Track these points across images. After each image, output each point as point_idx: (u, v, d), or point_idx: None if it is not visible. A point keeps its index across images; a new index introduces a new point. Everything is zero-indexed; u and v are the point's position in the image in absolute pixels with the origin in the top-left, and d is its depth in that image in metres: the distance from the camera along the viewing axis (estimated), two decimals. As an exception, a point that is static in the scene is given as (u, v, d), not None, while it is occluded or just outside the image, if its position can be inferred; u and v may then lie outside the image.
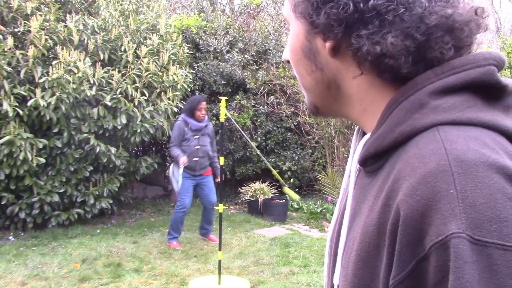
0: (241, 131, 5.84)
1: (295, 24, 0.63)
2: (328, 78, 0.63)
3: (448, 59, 0.55)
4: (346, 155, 7.18)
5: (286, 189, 6.14)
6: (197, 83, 7.82)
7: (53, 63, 5.30)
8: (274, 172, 5.54)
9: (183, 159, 5.04)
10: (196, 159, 5.19)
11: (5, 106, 5.01)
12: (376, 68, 0.58)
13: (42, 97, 5.22)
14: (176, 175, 5.11)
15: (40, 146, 5.37)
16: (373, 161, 0.59)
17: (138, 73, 5.99)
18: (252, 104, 7.78)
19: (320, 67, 0.63)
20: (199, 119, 5.18)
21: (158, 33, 6.48)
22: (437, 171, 0.48)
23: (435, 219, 0.46)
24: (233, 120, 5.43)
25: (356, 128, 0.70)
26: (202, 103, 5.22)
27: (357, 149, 0.64)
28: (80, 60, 5.43)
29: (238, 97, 7.75)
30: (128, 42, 6.03)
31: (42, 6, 5.74)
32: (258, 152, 5.61)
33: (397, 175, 0.52)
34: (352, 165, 0.67)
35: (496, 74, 0.54)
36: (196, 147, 5.19)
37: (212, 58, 7.93)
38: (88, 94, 5.45)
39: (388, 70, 0.57)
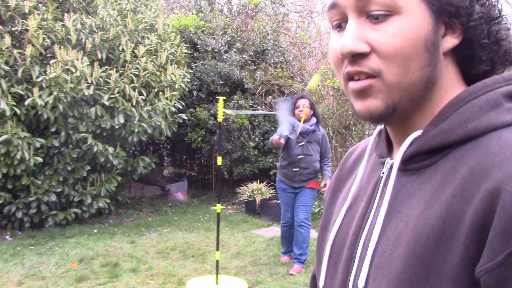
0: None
1: (418, 11, 0.57)
2: (434, 76, 0.59)
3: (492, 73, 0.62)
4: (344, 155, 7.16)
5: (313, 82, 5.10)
6: (195, 83, 7.81)
7: (51, 62, 5.29)
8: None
9: (274, 137, 4.51)
10: (297, 169, 4.52)
11: (3, 105, 5.00)
12: (457, 64, 0.62)
13: (40, 96, 5.21)
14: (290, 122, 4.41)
15: (38, 145, 5.36)
16: (425, 157, 0.59)
17: (136, 73, 5.98)
18: (250, 104, 7.78)
19: (435, 62, 0.59)
20: (298, 117, 4.53)
21: (156, 33, 6.47)
22: None
23: None
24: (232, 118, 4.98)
25: (378, 129, 0.70)
26: (299, 100, 4.60)
27: (401, 147, 0.61)
28: (78, 59, 5.42)
29: (236, 97, 7.74)
30: (126, 41, 6.02)
31: (40, 5, 5.72)
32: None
33: (476, 167, 0.52)
34: (372, 167, 0.69)
35: None
36: (299, 157, 4.51)
37: (210, 58, 7.93)
38: (86, 93, 5.44)
39: (468, 67, 0.62)
